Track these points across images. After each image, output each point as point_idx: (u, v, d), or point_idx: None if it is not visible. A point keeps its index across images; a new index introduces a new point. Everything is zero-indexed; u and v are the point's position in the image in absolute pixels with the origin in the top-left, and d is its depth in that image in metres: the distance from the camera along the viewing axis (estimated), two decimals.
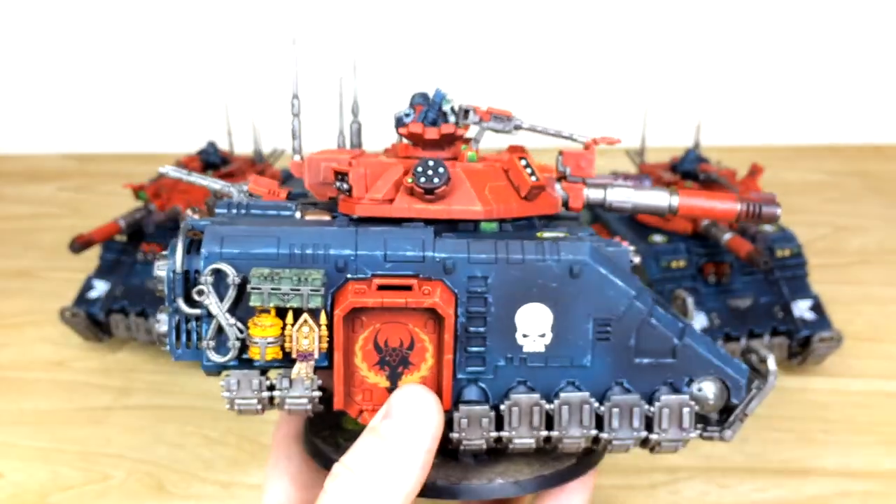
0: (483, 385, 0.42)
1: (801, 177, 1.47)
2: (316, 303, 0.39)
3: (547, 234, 0.43)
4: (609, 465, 0.70)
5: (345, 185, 0.43)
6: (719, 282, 0.84)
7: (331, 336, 0.41)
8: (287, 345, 0.40)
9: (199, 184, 0.46)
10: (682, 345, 0.42)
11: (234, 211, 0.45)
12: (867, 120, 1.63)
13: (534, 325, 0.41)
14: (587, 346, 0.42)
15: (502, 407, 0.42)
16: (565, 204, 0.46)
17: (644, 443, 0.44)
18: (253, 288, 0.39)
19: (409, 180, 0.41)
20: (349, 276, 0.40)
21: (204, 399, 0.84)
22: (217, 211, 0.45)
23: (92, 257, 0.94)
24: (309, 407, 0.42)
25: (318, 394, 0.41)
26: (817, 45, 1.60)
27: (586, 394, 0.42)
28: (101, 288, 0.90)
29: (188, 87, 1.65)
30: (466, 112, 0.45)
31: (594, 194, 0.46)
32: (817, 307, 0.83)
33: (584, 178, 0.46)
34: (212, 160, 0.95)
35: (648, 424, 0.43)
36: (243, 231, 0.41)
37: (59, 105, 1.70)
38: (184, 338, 0.42)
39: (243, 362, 0.41)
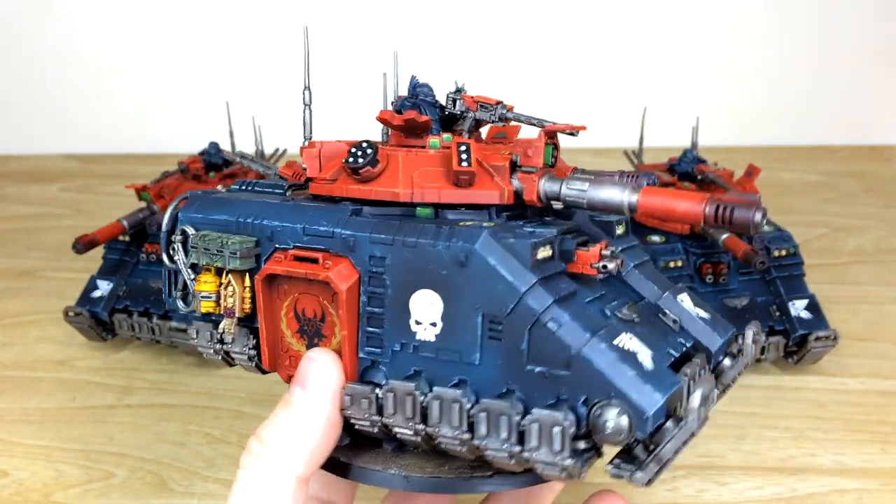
0: (383, 368, 0.41)
1: (797, 177, 1.47)
2: (234, 264, 0.43)
3: (468, 222, 0.40)
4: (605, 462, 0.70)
5: (304, 167, 0.46)
6: (716, 281, 0.85)
7: (255, 299, 0.44)
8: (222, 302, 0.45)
9: (253, 168, 0.50)
10: (578, 356, 0.36)
11: (243, 187, 0.50)
12: (864, 121, 1.63)
13: (425, 313, 0.39)
14: (475, 343, 0.38)
15: (379, 392, 0.40)
16: (519, 195, 0.42)
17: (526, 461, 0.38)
18: (191, 246, 0.45)
19: (343, 161, 0.42)
20: (277, 245, 0.43)
21: (206, 398, 0.85)
22: (232, 187, 0.51)
23: (95, 257, 0.94)
24: (251, 364, 0.46)
25: (253, 353, 0.45)
26: (814, 46, 1.61)
27: (458, 392, 0.38)
28: (104, 288, 0.90)
29: (190, 87, 1.66)
30: (454, 101, 0.45)
31: (549, 187, 0.41)
32: (813, 307, 0.84)
33: (543, 167, 0.43)
34: (214, 161, 0.96)
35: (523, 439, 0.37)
36: (213, 200, 0.46)
37: (62, 106, 1.70)
38: (173, 289, 0.48)
39: (205, 315, 0.46)
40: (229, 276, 0.44)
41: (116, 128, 1.70)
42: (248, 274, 0.44)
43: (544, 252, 0.38)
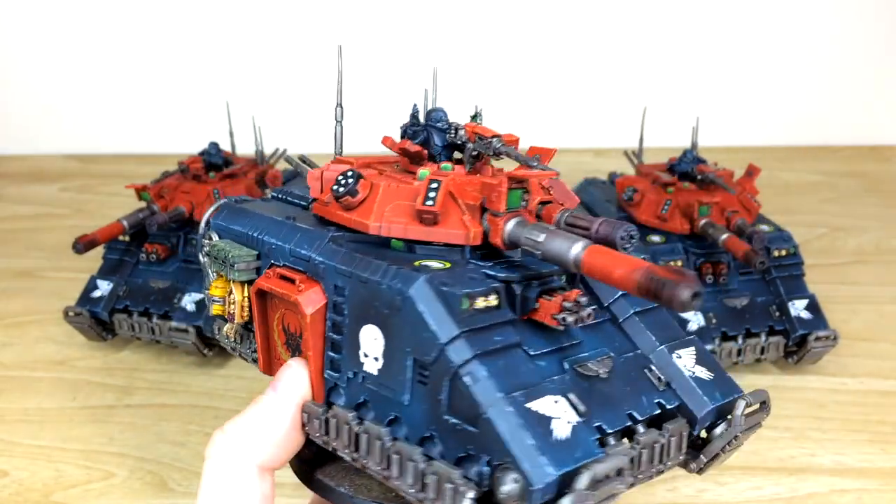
0: (342, 392, 0.42)
1: (798, 177, 1.47)
2: (234, 276, 0.46)
3: (426, 262, 0.40)
4: None
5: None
6: (716, 282, 0.85)
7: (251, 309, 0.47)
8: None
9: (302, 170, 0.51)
10: (484, 416, 0.34)
11: (277, 196, 0.52)
12: (864, 121, 1.64)
13: (371, 347, 0.40)
14: (406, 384, 0.38)
15: (328, 415, 0.42)
16: (486, 236, 0.41)
17: None
18: (206, 254, 0.48)
19: (332, 187, 0.43)
20: (272, 261, 0.45)
21: (206, 397, 0.85)
22: (270, 194, 0.53)
23: (95, 257, 0.95)
24: (255, 364, 0.49)
25: (255, 355, 0.48)
26: (814, 46, 1.61)
27: (382, 429, 0.38)
28: (104, 287, 0.90)
29: (190, 87, 1.66)
30: (456, 130, 0.45)
31: (513, 232, 0.40)
32: (813, 307, 0.84)
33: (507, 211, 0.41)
34: (214, 161, 0.96)
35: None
36: (236, 210, 0.49)
37: (62, 106, 1.71)
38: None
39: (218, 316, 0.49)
40: (231, 284, 0.47)
41: (116, 128, 1.70)
42: (246, 285, 0.46)
43: (485, 301, 0.38)
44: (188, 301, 0.87)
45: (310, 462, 0.46)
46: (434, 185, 0.41)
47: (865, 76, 1.62)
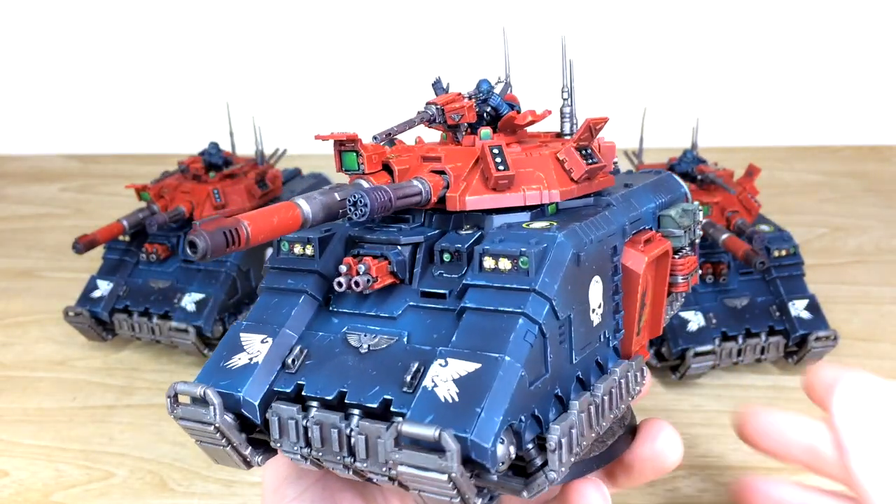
0: None
1: (798, 177, 1.47)
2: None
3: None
4: None
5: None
6: (716, 281, 0.85)
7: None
8: None
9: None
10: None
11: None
12: (864, 121, 1.64)
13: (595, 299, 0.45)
14: None
15: None
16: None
17: None
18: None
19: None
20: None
21: None
22: None
23: (95, 257, 0.95)
24: None
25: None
26: (814, 46, 1.61)
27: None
28: (104, 287, 0.90)
29: (190, 87, 1.66)
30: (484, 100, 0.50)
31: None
32: (814, 307, 0.84)
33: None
34: (214, 161, 0.96)
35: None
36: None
37: (62, 106, 1.71)
38: None
39: None
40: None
41: (116, 128, 1.70)
42: None
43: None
44: (188, 301, 0.87)
45: None
46: (496, 150, 0.44)
47: (865, 76, 1.62)
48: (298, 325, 0.42)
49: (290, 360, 0.40)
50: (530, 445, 0.37)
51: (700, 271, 0.85)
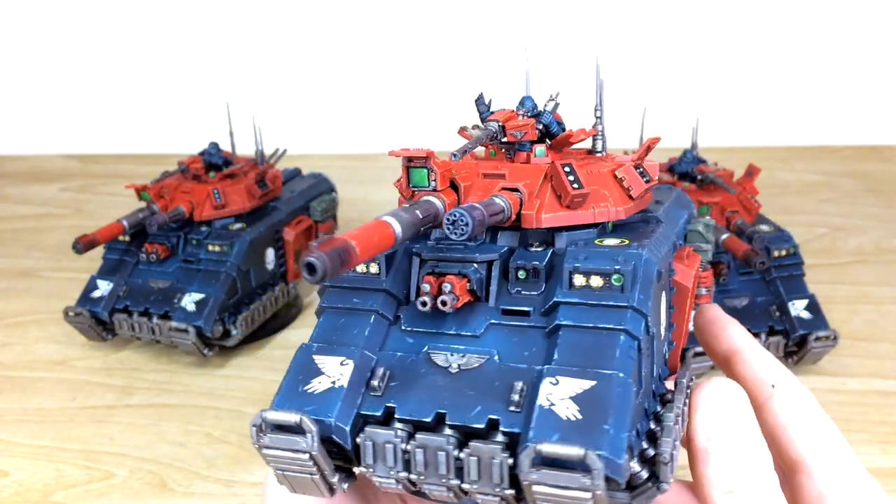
0: None
1: (798, 177, 1.47)
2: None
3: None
4: None
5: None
6: (716, 282, 0.85)
7: None
8: None
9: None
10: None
11: None
12: (864, 121, 1.64)
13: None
14: None
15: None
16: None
17: None
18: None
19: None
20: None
21: (206, 398, 0.85)
22: None
23: (95, 257, 0.95)
24: None
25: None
26: (814, 46, 1.61)
27: None
28: (104, 287, 0.90)
29: (190, 87, 1.66)
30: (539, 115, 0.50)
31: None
32: (813, 307, 0.84)
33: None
34: (214, 161, 0.96)
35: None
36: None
37: (62, 106, 1.71)
38: None
39: None
40: None
41: (116, 128, 1.70)
42: None
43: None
44: (188, 301, 0.87)
45: None
46: (568, 168, 0.44)
47: (865, 76, 1.62)
48: (374, 345, 0.41)
49: (374, 383, 0.38)
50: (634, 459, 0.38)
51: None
